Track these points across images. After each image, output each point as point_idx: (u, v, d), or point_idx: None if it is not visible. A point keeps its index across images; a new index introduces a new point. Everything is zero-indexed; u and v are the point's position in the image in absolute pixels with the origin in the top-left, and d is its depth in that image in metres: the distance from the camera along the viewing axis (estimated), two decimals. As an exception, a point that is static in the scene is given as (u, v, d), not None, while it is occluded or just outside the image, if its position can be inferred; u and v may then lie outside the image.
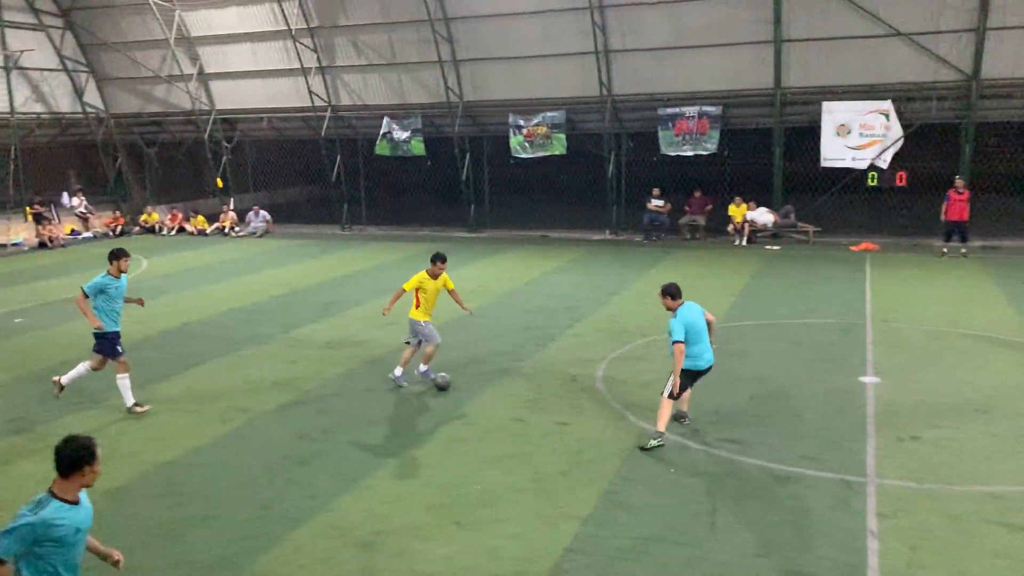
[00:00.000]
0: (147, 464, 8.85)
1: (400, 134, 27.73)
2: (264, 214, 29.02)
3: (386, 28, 26.65)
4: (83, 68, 30.81)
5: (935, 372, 11.45)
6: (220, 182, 31.06)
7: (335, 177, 29.51)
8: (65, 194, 30.43)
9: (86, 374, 10.58)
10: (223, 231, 29.09)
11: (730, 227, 24.30)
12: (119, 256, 10.32)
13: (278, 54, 28.44)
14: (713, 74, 23.75)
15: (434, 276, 11.20)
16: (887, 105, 22.37)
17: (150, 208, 30.95)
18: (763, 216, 24.05)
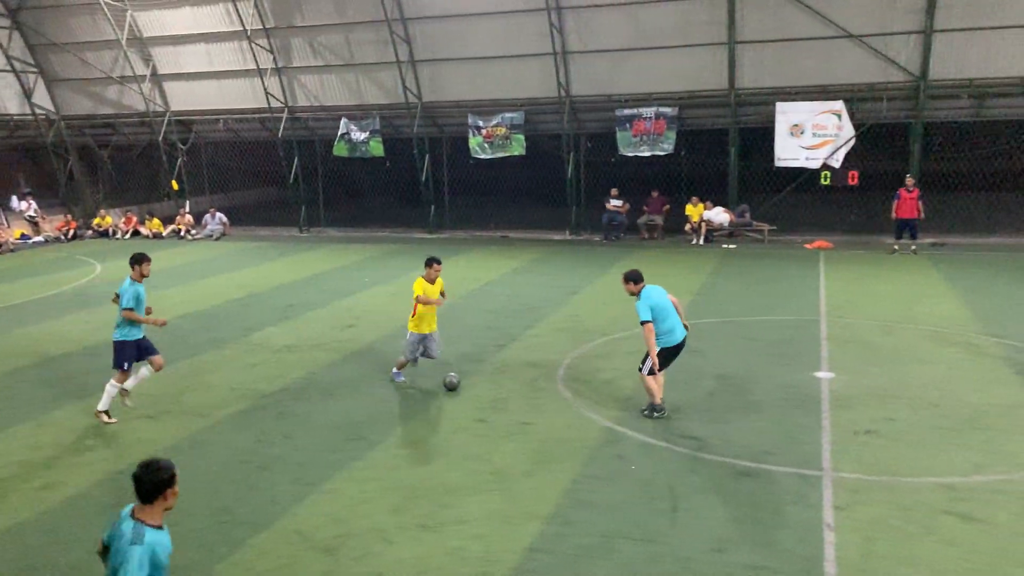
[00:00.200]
0: (102, 472, 8.69)
1: (358, 135, 27.58)
2: (221, 216, 28.67)
3: (343, 28, 26.47)
4: (32, 69, 30.13)
5: (887, 367, 11.70)
6: (175, 184, 30.59)
7: (292, 179, 29.24)
8: (14, 197, 29.76)
9: (150, 376, 10.41)
10: (179, 234, 28.67)
11: (687, 226, 24.59)
12: (140, 261, 10.13)
13: (233, 55, 28.09)
14: (669, 75, 24.01)
15: (431, 280, 11.18)
16: (839, 105, 22.82)
17: (103, 211, 30.37)
18: (719, 216, 24.36)
